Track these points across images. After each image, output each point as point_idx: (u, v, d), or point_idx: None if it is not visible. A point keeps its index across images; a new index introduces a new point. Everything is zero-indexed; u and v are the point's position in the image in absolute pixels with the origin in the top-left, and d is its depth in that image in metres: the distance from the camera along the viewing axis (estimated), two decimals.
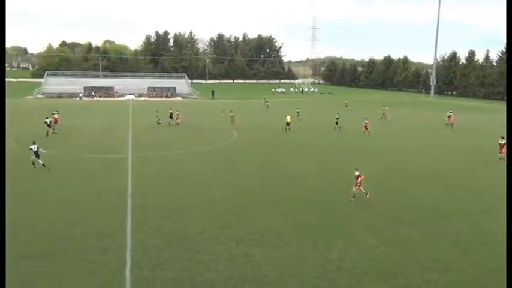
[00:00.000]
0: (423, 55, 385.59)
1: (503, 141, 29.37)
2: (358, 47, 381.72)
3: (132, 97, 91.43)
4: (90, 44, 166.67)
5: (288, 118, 43.89)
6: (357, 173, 20.86)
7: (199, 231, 16.70)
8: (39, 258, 14.20)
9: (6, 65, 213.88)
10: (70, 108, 65.52)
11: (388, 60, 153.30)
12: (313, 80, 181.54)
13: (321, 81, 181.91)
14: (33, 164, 25.70)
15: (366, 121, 42.06)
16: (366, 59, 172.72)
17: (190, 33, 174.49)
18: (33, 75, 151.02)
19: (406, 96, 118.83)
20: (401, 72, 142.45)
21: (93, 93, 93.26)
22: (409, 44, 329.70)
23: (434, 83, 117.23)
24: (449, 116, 52.72)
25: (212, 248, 15.20)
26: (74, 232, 16.38)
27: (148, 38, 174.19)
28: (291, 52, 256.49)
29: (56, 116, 44.06)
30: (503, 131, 30.94)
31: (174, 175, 25.59)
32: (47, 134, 38.04)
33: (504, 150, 29.25)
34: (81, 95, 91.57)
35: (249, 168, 27.80)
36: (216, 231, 16.79)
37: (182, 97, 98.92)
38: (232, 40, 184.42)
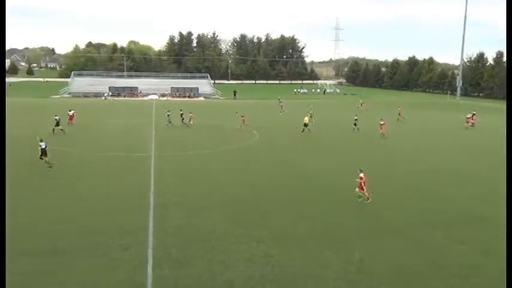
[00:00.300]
0: (449, 56, 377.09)
1: None
2: (381, 47, 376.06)
3: (155, 97, 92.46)
4: (115, 45, 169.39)
5: (306, 119, 43.97)
6: (361, 175, 20.64)
7: (220, 231, 16.73)
8: (62, 254, 14.46)
9: (35, 64, 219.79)
10: (94, 108, 66.70)
11: (412, 61, 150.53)
12: (341, 81, 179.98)
13: (344, 82, 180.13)
14: (49, 165, 26.37)
15: (382, 122, 41.44)
16: (390, 59, 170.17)
17: (213, 33, 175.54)
18: (60, 75, 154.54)
19: (430, 97, 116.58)
20: (426, 73, 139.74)
21: (110, 93, 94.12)
22: (434, 44, 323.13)
23: (461, 84, 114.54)
24: (469, 117, 50.72)
25: (233, 247, 15.21)
26: (96, 228, 16.65)
27: (172, 38, 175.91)
28: (313, 52, 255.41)
29: (70, 113, 45.47)
30: None
31: (197, 174, 25.73)
32: (64, 131, 39.19)
33: None
34: (106, 94, 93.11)
35: (271, 168, 27.74)
36: (237, 230, 16.79)
37: (204, 97, 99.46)
38: (254, 41, 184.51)
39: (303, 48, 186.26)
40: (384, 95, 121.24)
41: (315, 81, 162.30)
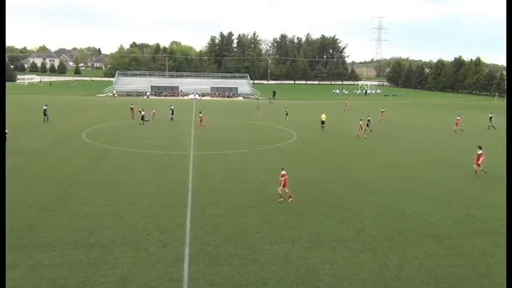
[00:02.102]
0: (498, 56, 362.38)
1: (480, 151, 26.17)
2: (426, 47, 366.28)
3: (196, 96, 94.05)
4: (158, 45, 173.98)
5: (323, 116, 45.30)
6: (282, 172, 20.36)
7: (255, 230, 16.84)
8: (106, 247, 15.01)
9: (82, 64, 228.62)
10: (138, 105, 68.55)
11: (458, 62, 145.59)
12: (382, 82, 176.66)
13: (385, 83, 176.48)
14: None
15: (361, 122, 40.50)
16: (434, 60, 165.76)
17: (254, 34, 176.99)
18: (106, 75, 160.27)
19: (477, 99, 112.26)
20: (473, 74, 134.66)
21: (146, 92, 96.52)
22: (482, 44, 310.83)
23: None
24: (457, 119, 46.55)
25: (268, 247, 15.27)
26: (138, 224, 17.16)
27: (213, 39, 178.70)
28: (354, 53, 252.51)
29: (131, 106, 53.07)
30: None
31: (234, 173, 25.98)
32: (43, 121, 45.29)
33: (479, 160, 26.07)
34: (148, 93, 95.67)
35: (308, 168, 27.58)
36: (272, 230, 16.84)
37: (243, 97, 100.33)
38: (295, 41, 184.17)
39: (343, 49, 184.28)
40: (427, 96, 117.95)
41: (355, 82, 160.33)
